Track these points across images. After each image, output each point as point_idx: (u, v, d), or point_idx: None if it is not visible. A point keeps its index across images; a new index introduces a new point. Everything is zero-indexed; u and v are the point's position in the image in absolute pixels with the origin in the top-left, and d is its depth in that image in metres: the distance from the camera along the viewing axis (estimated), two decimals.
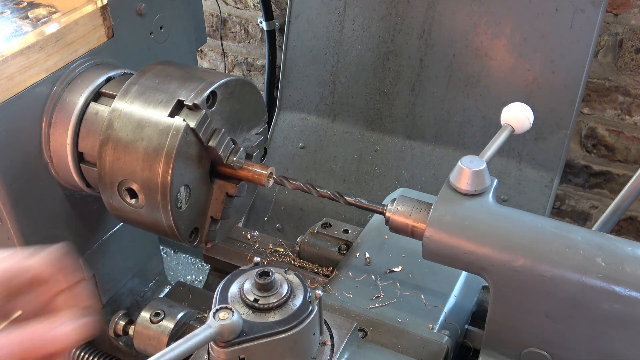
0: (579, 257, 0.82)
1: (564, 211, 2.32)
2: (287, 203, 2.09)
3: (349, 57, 1.97)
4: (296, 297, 0.79)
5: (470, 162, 0.92)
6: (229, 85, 1.09)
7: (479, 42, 1.77)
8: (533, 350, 0.90)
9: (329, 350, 0.86)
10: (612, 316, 0.81)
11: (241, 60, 2.65)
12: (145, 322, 1.18)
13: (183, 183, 1.05)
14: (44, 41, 1.08)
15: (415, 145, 1.95)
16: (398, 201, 0.99)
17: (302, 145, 2.09)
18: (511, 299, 0.88)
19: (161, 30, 1.34)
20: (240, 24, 2.56)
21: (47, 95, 1.11)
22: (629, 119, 2.02)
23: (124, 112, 1.06)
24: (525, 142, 1.80)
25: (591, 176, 2.19)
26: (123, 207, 1.08)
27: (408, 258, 1.17)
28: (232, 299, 0.79)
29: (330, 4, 1.94)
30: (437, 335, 1.02)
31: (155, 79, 1.09)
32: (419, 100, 1.91)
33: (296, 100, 2.09)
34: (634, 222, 2.21)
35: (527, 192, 1.81)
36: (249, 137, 1.19)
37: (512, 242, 0.86)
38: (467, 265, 0.90)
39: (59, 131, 1.13)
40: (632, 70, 1.93)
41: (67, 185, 1.18)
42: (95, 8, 1.17)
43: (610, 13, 1.87)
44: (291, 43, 2.04)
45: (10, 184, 1.08)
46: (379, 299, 1.10)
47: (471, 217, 0.89)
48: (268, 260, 1.31)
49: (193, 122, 1.02)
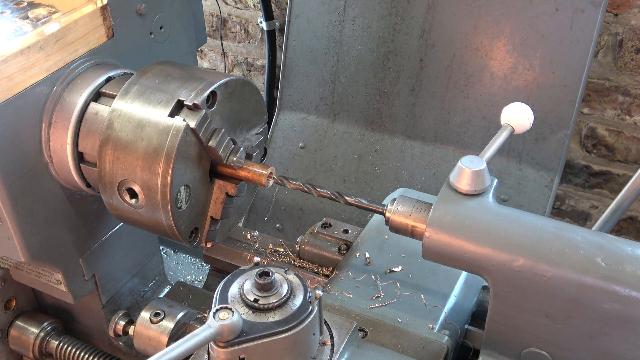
0: (579, 257, 0.82)
1: (564, 211, 2.32)
2: (287, 203, 2.09)
3: (349, 57, 1.97)
4: (296, 297, 0.79)
5: (470, 162, 0.92)
6: (229, 85, 1.09)
7: (479, 42, 1.77)
8: (533, 350, 0.90)
9: (329, 350, 0.86)
10: (612, 316, 0.81)
11: (241, 60, 2.65)
12: (145, 322, 1.18)
13: (183, 183, 1.05)
14: (44, 41, 1.08)
15: (415, 145, 1.95)
16: (398, 201, 0.99)
17: (302, 145, 2.09)
18: (511, 299, 0.88)
19: (161, 30, 1.34)
20: (240, 24, 2.56)
21: (47, 95, 1.11)
22: (629, 119, 2.02)
23: (124, 112, 1.06)
24: (525, 142, 1.80)
25: (591, 176, 2.19)
26: (123, 207, 1.08)
27: (408, 258, 1.17)
28: (232, 299, 0.79)
29: (330, 4, 1.94)
30: (437, 335, 1.02)
31: (155, 79, 1.09)
32: (419, 100, 1.91)
33: (296, 100, 2.09)
34: (634, 222, 2.21)
35: (527, 192, 1.81)
36: (249, 137, 1.19)
37: (512, 242, 0.86)
38: (467, 265, 0.90)
39: (59, 131, 1.13)
40: (632, 70, 1.93)
41: (67, 185, 1.18)
42: (95, 8, 1.17)
43: (610, 13, 1.87)
44: (291, 43, 2.04)
45: (10, 184, 1.08)
46: (379, 299, 1.10)
47: (471, 217, 0.89)
48: (268, 260, 1.31)
49: (193, 122, 1.02)
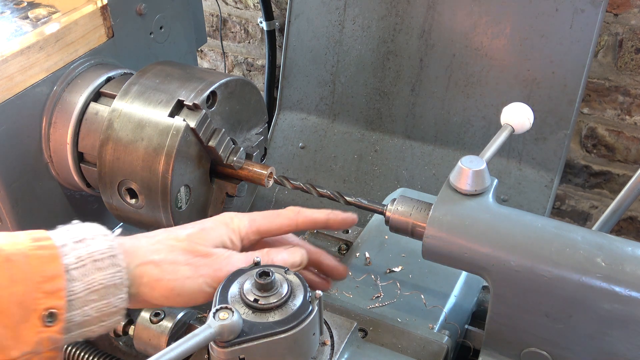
0: (579, 257, 0.82)
1: (564, 211, 2.32)
2: (287, 203, 2.09)
3: (349, 57, 1.97)
4: (296, 297, 0.79)
5: (470, 162, 0.92)
6: (229, 85, 1.09)
7: (479, 42, 1.77)
8: (533, 350, 0.90)
9: (329, 350, 0.86)
10: (612, 316, 0.81)
11: (241, 60, 2.65)
12: (145, 322, 1.18)
13: (183, 183, 1.05)
14: (44, 41, 1.08)
15: (415, 145, 1.95)
16: (398, 201, 0.99)
17: (302, 145, 2.09)
18: (511, 299, 0.88)
19: (161, 30, 1.34)
20: (240, 24, 2.56)
21: (47, 95, 1.11)
22: (629, 119, 2.02)
23: (124, 112, 1.06)
24: (525, 142, 1.80)
25: (591, 176, 2.19)
26: (123, 207, 1.08)
27: (408, 258, 1.17)
28: (232, 299, 0.79)
29: (330, 4, 1.94)
30: (437, 335, 1.02)
31: (155, 79, 1.09)
32: (419, 100, 1.91)
33: (296, 100, 2.09)
34: (634, 222, 2.21)
35: (527, 192, 1.80)
36: (249, 137, 1.19)
37: (512, 242, 0.86)
38: (467, 265, 0.90)
39: (59, 131, 1.13)
40: (632, 70, 1.93)
41: (67, 185, 1.18)
42: (95, 8, 1.17)
43: (610, 13, 1.87)
44: (291, 43, 2.04)
45: (10, 184, 1.08)
46: (379, 299, 1.10)
47: (471, 217, 0.89)
48: None
49: (193, 122, 1.02)
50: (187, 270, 0.85)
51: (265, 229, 0.95)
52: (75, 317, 0.76)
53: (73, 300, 0.76)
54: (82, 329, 0.78)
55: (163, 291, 0.84)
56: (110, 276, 0.78)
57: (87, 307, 0.77)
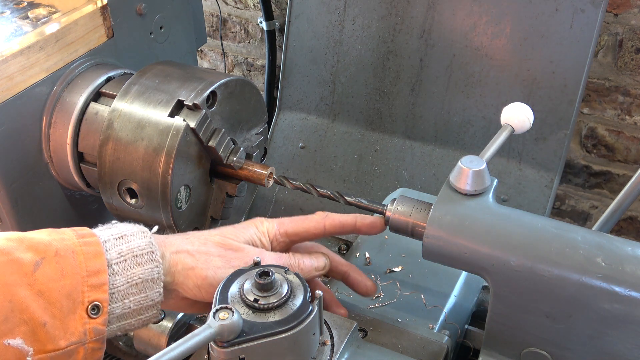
0: (579, 257, 0.82)
1: (564, 211, 2.32)
2: (287, 203, 2.09)
3: (349, 57, 1.97)
4: (296, 297, 0.79)
5: (470, 162, 0.92)
6: (229, 85, 1.09)
7: (479, 42, 1.77)
8: (533, 350, 0.90)
9: (329, 350, 0.86)
10: (612, 316, 0.81)
11: (241, 60, 2.65)
12: None
13: (183, 183, 1.05)
14: (44, 41, 1.08)
15: (415, 145, 1.95)
16: (398, 201, 0.99)
17: (302, 145, 2.09)
18: (511, 299, 0.88)
19: (161, 30, 1.34)
20: (240, 24, 2.56)
21: (47, 95, 1.11)
22: (629, 119, 2.02)
23: (124, 112, 1.06)
24: (525, 142, 1.79)
25: (591, 176, 2.19)
26: (123, 207, 1.08)
27: (408, 258, 1.17)
28: (232, 299, 0.79)
29: (330, 4, 1.94)
30: (437, 335, 1.02)
31: (155, 79, 1.09)
32: (419, 100, 1.91)
33: (296, 100, 2.09)
34: (634, 222, 2.21)
35: (527, 192, 1.80)
36: (249, 137, 1.19)
37: (512, 242, 0.86)
38: (467, 265, 0.90)
39: (59, 131, 1.13)
40: (632, 70, 1.93)
41: (67, 185, 1.18)
42: (95, 8, 1.17)
43: (610, 13, 1.87)
44: (291, 43, 2.04)
45: (10, 184, 1.08)
46: (379, 299, 1.10)
47: (471, 217, 0.89)
48: None
49: (193, 122, 1.02)
50: (219, 261, 0.89)
51: (293, 232, 0.98)
52: (116, 310, 0.81)
53: (114, 293, 0.81)
54: (121, 322, 0.83)
55: (196, 279, 0.87)
56: (149, 271, 0.83)
57: (127, 300, 0.82)
